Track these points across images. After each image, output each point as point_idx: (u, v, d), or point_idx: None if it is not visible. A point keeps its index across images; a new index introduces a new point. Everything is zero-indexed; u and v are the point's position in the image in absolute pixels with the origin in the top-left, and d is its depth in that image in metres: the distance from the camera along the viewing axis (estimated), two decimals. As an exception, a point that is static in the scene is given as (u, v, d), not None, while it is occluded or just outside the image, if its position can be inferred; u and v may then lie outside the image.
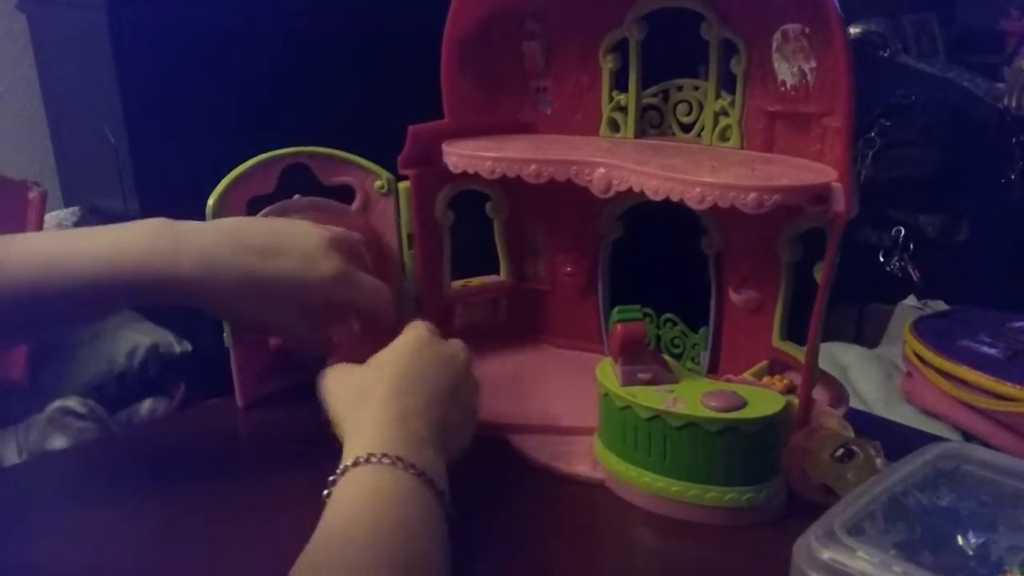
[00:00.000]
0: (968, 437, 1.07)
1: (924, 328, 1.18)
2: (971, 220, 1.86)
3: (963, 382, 1.07)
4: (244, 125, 1.05)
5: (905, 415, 1.11)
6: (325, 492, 0.48)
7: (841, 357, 1.25)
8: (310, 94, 1.13)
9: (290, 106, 1.10)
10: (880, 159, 1.85)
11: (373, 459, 0.48)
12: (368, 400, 0.54)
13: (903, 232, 1.83)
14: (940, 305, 1.56)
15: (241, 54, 1.09)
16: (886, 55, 2.01)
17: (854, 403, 1.14)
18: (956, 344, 1.13)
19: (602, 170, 0.63)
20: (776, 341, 0.65)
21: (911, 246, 1.84)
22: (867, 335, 1.77)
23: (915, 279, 1.81)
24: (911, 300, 1.65)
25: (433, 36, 0.71)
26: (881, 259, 1.86)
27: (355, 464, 0.49)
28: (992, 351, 1.12)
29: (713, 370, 0.70)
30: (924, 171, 1.85)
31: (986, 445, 1.05)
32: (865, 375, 1.20)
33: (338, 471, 0.49)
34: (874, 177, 1.86)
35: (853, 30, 2.06)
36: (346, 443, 0.52)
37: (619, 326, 0.58)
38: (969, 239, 1.85)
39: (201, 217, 0.64)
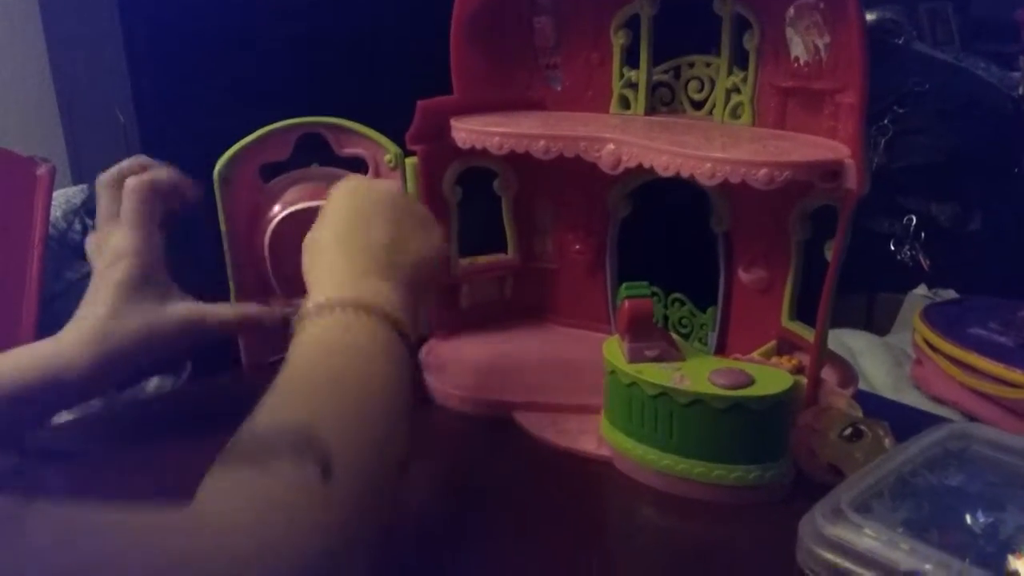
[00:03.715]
0: (977, 424, 1.07)
1: (934, 315, 1.17)
2: (983, 209, 1.84)
3: (973, 369, 1.06)
4: (254, 101, 1.04)
5: (914, 401, 1.10)
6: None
7: (850, 343, 1.25)
8: (321, 70, 1.12)
9: (301, 82, 1.10)
10: (892, 147, 1.84)
11: (327, 309, 0.47)
12: (315, 248, 0.53)
13: (914, 220, 1.82)
14: (950, 294, 1.56)
15: (251, 32, 1.08)
16: (900, 42, 1.99)
17: (862, 388, 1.15)
18: (966, 331, 1.12)
19: (611, 146, 0.62)
20: (785, 321, 0.65)
21: (922, 235, 1.83)
22: (877, 323, 1.76)
23: (925, 268, 1.80)
24: (921, 289, 1.64)
25: (444, 11, 0.71)
26: (892, 247, 1.85)
27: (314, 314, 0.47)
28: (1002, 339, 1.11)
29: (721, 350, 0.69)
30: (936, 159, 1.83)
31: (995, 432, 1.05)
32: (874, 361, 1.20)
33: (296, 321, 0.48)
34: (886, 165, 1.84)
35: (868, 17, 2.04)
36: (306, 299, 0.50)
37: (626, 302, 0.58)
38: (981, 228, 1.84)
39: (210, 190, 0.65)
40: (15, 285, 0.97)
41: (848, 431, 0.55)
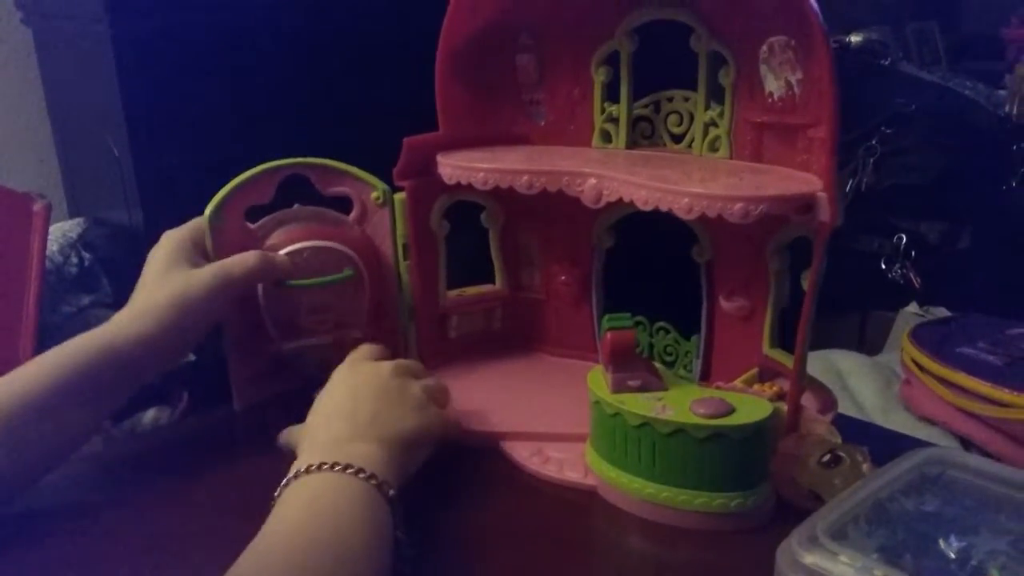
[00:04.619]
0: (966, 444, 1.07)
1: (922, 335, 1.18)
2: (972, 227, 1.86)
3: (961, 389, 1.07)
4: (245, 136, 1.06)
5: (903, 422, 1.11)
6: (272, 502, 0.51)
7: (840, 364, 1.26)
8: (309, 105, 1.14)
9: (289, 118, 1.12)
10: (881, 166, 1.86)
11: (313, 468, 0.52)
12: (307, 432, 0.59)
13: (904, 239, 1.84)
14: (942, 312, 1.57)
15: (241, 67, 1.10)
16: (887, 63, 2.01)
17: (852, 410, 1.15)
18: (954, 351, 1.13)
19: (593, 181, 0.64)
20: (766, 348, 0.66)
21: (912, 253, 1.84)
22: (869, 342, 1.77)
23: (916, 286, 1.81)
24: (913, 307, 1.65)
25: (428, 49, 0.73)
26: (883, 266, 1.86)
27: (296, 475, 0.52)
28: (990, 358, 1.12)
29: (705, 377, 0.71)
30: (925, 178, 1.85)
31: (984, 452, 1.05)
32: (864, 382, 1.21)
33: (283, 483, 0.52)
34: (875, 184, 1.86)
35: (854, 38, 2.07)
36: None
37: (609, 334, 0.59)
38: (971, 246, 1.85)
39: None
40: (12, 319, 0.98)
41: (827, 457, 0.56)
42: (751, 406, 0.56)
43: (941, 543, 0.47)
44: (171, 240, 0.67)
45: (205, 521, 0.60)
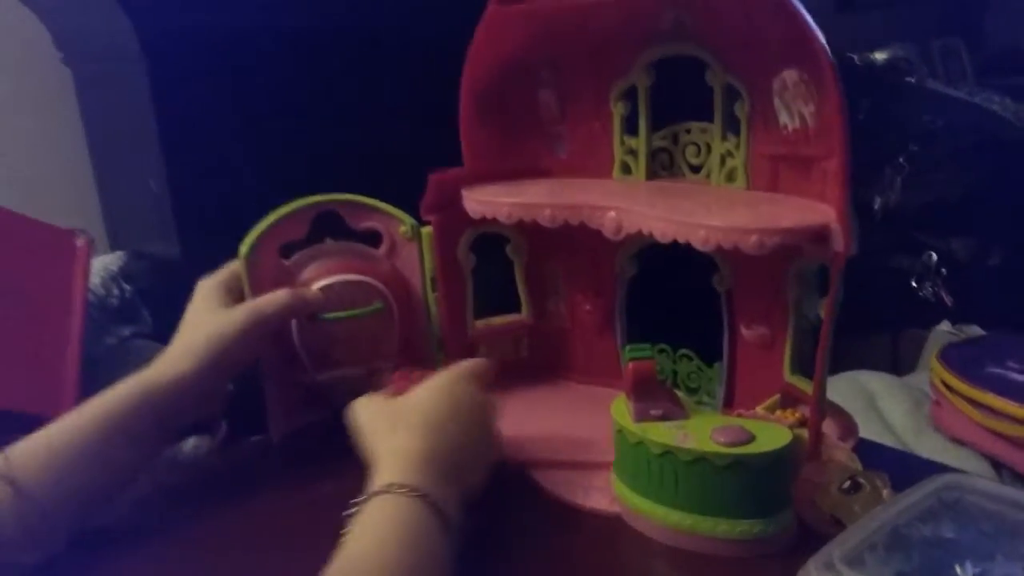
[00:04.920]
0: (997, 466, 1.07)
1: (951, 356, 1.18)
2: (1003, 243, 1.85)
3: (990, 410, 1.06)
4: (279, 173, 1.09)
5: (934, 443, 1.11)
6: (351, 511, 0.52)
7: (870, 385, 1.26)
8: (340, 144, 1.17)
9: (322, 156, 1.15)
10: (909, 184, 1.85)
11: (397, 489, 0.53)
12: (399, 432, 0.58)
13: (934, 257, 1.83)
14: (974, 330, 1.56)
15: (276, 107, 1.14)
16: (913, 81, 2.01)
17: (882, 432, 1.15)
18: (984, 371, 1.13)
19: (612, 214, 0.65)
20: (787, 375, 0.67)
21: (943, 271, 1.83)
22: (902, 361, 1.76)
23: (948, 304, 1.80)
24: (945, 325, 1.64)
25: (454, 87, 0.75)
26: (913, 284, 1.85)
27: (379, 492, 0.53)
28: (1020, 377, 1.12)
29: (729, 403, 0.72)
30: (954, 195, 1.85)
31: (1015, 473, 1.05)
32: (894, 403, 1.20)
33: (363, 496, 0.53)
34: (904, 202, 1.86)
35: (880, 56, 2.07)
36: (376, 470, 0.56)
37: (630, 364, 0.61)
38: (1001, 262, 1.84)
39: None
40: (57, 352, 1.01)
41: (847, 484, 0.57)
42: (771, 434, 0.58)
43: (957, 569, 0.47)
44: (204, 288, 0.70)
45: (246, 550, 0.62)
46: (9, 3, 1.30)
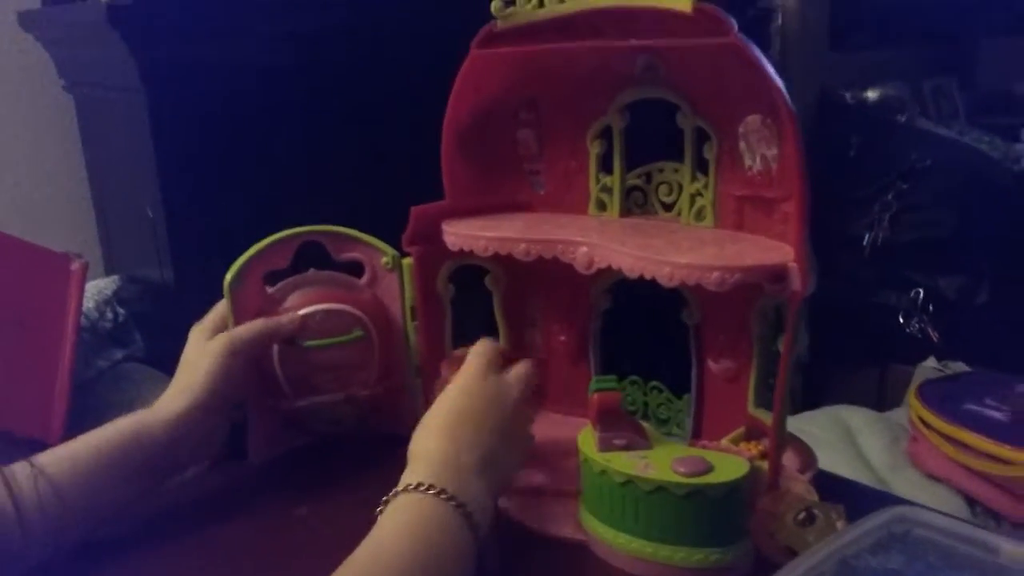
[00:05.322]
0: (971, 502, 1.08)
1: (929, 392, 1.20)
2: (991, 282, 1.87)
3: (965, 446, 1.08)
4: (269, 202, 1.12)
5: (910, 479, 1.13)
6: (378, 509, 0.56)
7: (849, 420, 1.27)
8: (327, 175, 1.21)
9: (310, 188, 1.18)
10: (897, 222, 1.88)
11: (421, 488, 0.56)
12: (427, 429, 0.61)
13: (922, 294, 1.85)
14: (960, 366, 1.57)
15: (266, 138, 1.17)
16: (903, 119, 2.04)
17: (859, 466, 1.17)
18: (960, 408, 1.15)
19: (584, 249, 0.68)
20: (751, 408, 0.69)
21: (930, 307, 1.85)
22: (888, 396, 1.78)
23: (935, 340, 1.82)
24: (931, 362, 1.66)
25: (435, 125, 0.78)
26: (901, 320, 1.87)
27: (405, 490, 0.56)
28: (997, 415, 1.14)
29: (697, 435, 0.74)
30: (942, 233, 1.87)
31: (988, 510, 1.06)
32: (872, 438, 1.22)
33: (391, 493, 0.56)
34: (892, 239, 1.88)
35: (871, 94, 2.10)
36: (407, 467, 0.59)
37: (596, 395, 0.63)
38: (989, 301, 1.86)
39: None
40: (49, 374, 1.03)
41: (802, 515, 0.59)
42: (729, 465, 0.59)
43: (900, 599, 0.49)
44: (195, 331, 0.73)
45: (225, 574, 0.64)
46: (15, 32, 1.34)
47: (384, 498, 0.56)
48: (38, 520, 0.60)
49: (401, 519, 0.55)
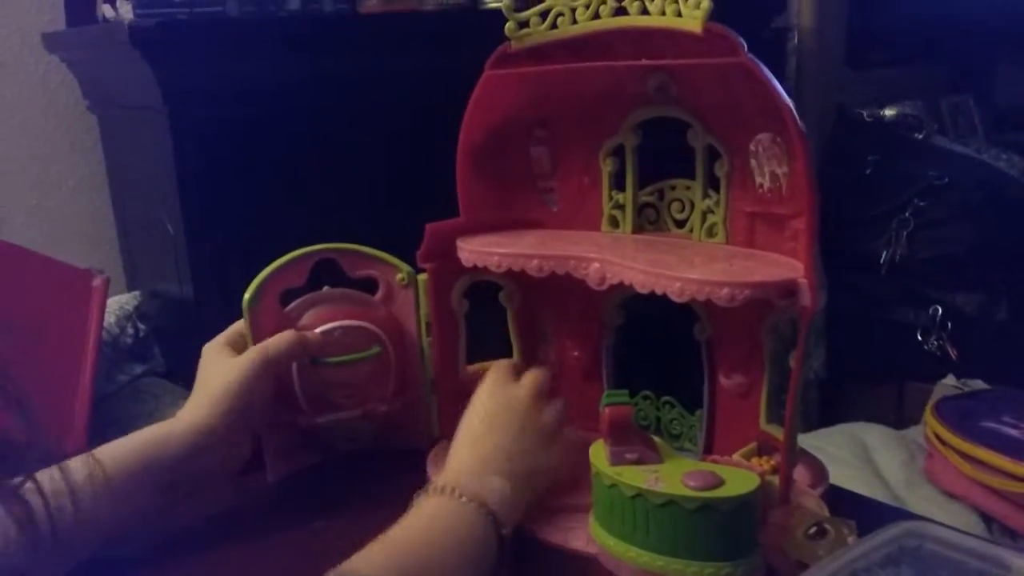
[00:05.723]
0: (988, 519, 1.08)
1: (945, 409, 1.19)
2: (1009, 299, 1.86)
3: (982, 463, 1.08)
4: (287, 219, 1.14)
5: (926, 496, 1.12)
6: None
7: (866, 438, 1.27)
8: (343, 193, 1.23)
9: (326, 205, 1.20)
10: (915, 239, 1.87)
11: (447, 491, 0.60)
12: (457, 439, 0.67)
13: (940, 311, 1.84)
14: (979, 384, 1.56)
15: (285, 157, 1.19)
16: (921, 137, 2.04)
17: (875, 484, 1.16)
18: (977, 425, 1.14)
19: (596, 265, 0.68)
20: (763, 424, 0.69)
21: (949, 325, 1.84)
22: (906, 414, 1.77)
23: (953, 358, 1.81)
24: (950, 379, 1.65)
25: (450, 144, 0.79)
26: (919, 338, 1.86)
27: (433, 492, 0.61)
28: (1014, 432, 1.13)
29: (709, 450, 0.74)
30: (960, 250, 1.86)
31: (1005, 527, 1.06)
32: (888, 456, 1.22)
33: (419, 493, 0.61)
34: (910, 256, 1.88)
35: (889, 112, 2.10)
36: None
37: (607, 410, 0.63)
38: (1008, 318, 1.85)
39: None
40: (69, 388, 1.05)
41: (813, 530, 0.59)
42: (739, 479, 0.60)
43: (910, 613, 0.49)
44: (209, 348, 0.73)
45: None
46: (40, 53, 1.37)
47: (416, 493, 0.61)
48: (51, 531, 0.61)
49: (423, 517, 0.59)
